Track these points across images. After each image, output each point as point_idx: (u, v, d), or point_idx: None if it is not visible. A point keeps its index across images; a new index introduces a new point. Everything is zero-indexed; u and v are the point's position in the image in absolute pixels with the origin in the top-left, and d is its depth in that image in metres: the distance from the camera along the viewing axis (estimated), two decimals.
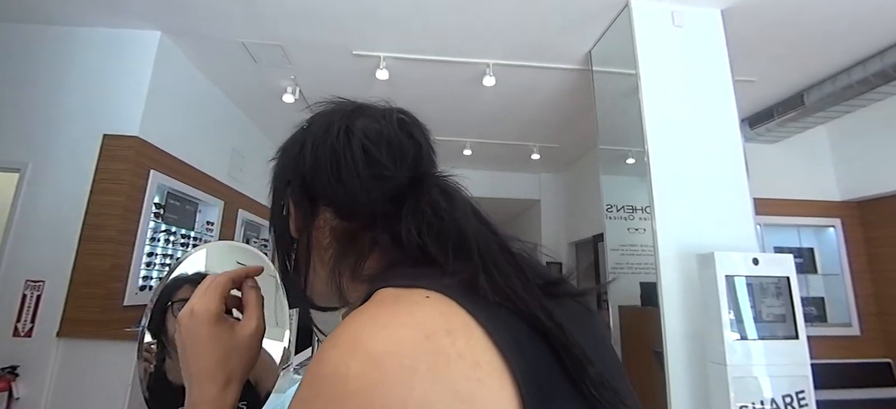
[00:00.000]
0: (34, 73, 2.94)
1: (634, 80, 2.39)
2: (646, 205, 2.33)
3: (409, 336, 0.29)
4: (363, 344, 0.28)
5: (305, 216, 0.45)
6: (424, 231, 0.38)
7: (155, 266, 3.19)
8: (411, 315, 0.30)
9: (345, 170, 0.42)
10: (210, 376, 0.42)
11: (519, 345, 0.31)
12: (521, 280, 0.35)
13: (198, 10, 2.77)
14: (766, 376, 1.88)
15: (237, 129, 4.27)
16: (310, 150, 0.45)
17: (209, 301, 0.44)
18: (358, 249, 0.42)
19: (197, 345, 0.43)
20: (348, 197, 0.42)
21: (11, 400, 2.48)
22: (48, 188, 2.77)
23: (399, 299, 0.33)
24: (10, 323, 2.59)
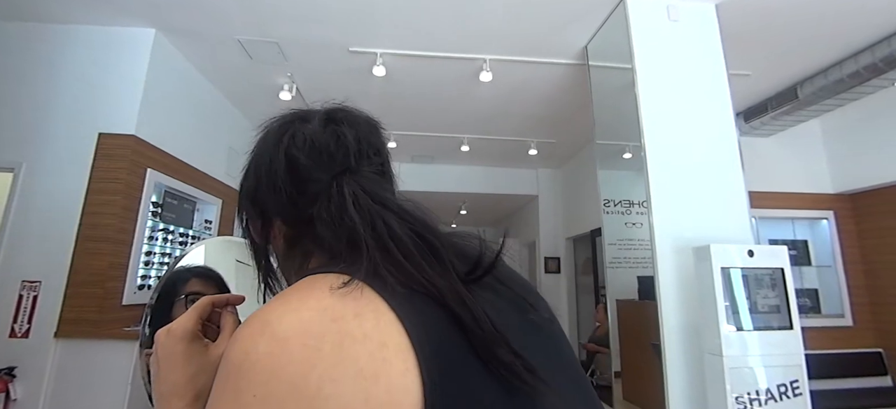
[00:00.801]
0: (28, 71, 2.91)
1: (630, 74, 2.40)
2: (642, 199, 2.35)
3: (316, 318, 0.31)
4: (270, 326, 0.31)
5: (262, 227, 0.50)
6: (325, 226, 0.41)
7: (153, 265, 3.18)
8: (320, 300, 0.32)
9: (277, 180, 0.45)
10: (179, 392, 0.43)
11: (426, 326, 0.32)
12: (434, 267, 0.37)
13: (192, 8, 2.76)
14: (762, 366, 1.91)
15: (234, 127, 4.25)
16: (253, 166, 0.50)
17: (186, 321, 0.46)
18: (300, 251, 0.47)
19: (170, 361, 0.44)
20: (283, 205, 0.46)
21: (9, 401, 2.48)
22: (43, 188, 2.75)
23: (313, 283, 0.35)
24: (6, 324, 2.58)
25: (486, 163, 6.01)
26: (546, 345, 0.42)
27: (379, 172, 0.48)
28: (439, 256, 0.38)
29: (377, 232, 0.39)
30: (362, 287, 0.33)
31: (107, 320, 2.69)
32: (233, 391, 0.30)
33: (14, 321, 2.59)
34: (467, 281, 0.38)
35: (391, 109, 4.18)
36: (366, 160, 0.47)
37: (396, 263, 0.36)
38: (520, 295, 0.43)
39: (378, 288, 0.34)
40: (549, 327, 0.44)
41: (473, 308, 0.34)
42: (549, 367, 0.39)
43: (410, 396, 0.29)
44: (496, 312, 0.36)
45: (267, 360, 0.29)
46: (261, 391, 0.28)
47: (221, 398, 0.31)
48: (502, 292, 0.41)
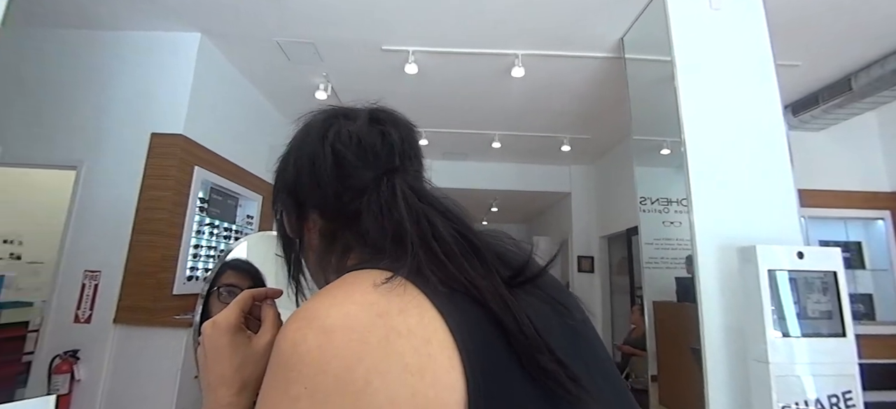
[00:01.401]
0: (87, 77, 3.14)
1: (669, 67, 2.31)
2: (682, 197, 2.26)
3: (362, 313, 0.31)
4: (318, 318, 0.31)
5: (297, 220, 0.50)
6: (371, 222, 0.42)
7: (200, 257, 3.37)
8: (365, 294, 0.33)
9: (321, 174, 0.46)
10: (227, 381, 0.45)
11: (468, 326, 0.33)
12: (476, 268, 0.37)
13: (235, 12, 2.88)
14: (810, 375, 1.80)
15: (273, 126, 4.42)
16: (293, 159, 0.50)
17: (230, 314, 0.48)
18: (339, 246, 0.46)
19: (216, 353, 0.46)
20: (325, 199, 0.46)
21: (73, 382, 2.69)
22: (103, 185, 2.97)
23: (357, 278, 0.35)
24: (71, 310, 2.80)
25: (518, 160, 5.95)
26: (585, 350, 0.42)
27: (418, 173, 0.49)
28: (482, 257, 0.38)
29: (422, 230, 0.39)
30: (405, 284, 0.34)
31: (159, 309, 2.87)
32: (283, 382, 0.30)
33: (78, 308, 2.81)
34: (511, 285, 0.38)
35: (423, 107, 4.22)
36: (408, 160, 0.48)
37: (439, 262, 0.37)
38: (554, 297, 0.43)
39: (421, 286, 0.34)
40: (585, 330, 0.44)
41: (517, 313, 0.34)
42: (590, 374, 0.38)
43: (455, 393, 0.30)
44: (538, 317, 0.36)
45: (315, 352, 0.30)
46: (310, 384, 0.29)
47: (273, 388, 0.32)
48: (540, 295, 0.41)
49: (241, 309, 0.49)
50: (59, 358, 2.68)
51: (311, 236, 0.49)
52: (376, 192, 0.43)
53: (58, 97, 3.10)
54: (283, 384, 0.30)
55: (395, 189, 0.42)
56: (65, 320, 2.79)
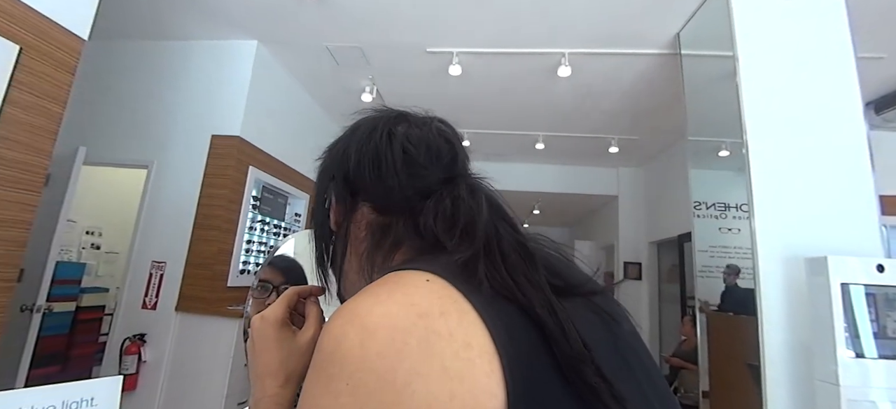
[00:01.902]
0: (159, 83, 3.42)
1: (731, 62, 2.15)
2: (741, 202, 2.10)
3: (403, 313, 0.31)
4: (360, 316, 0.32)
5: (346, 210, 0.50)
6: (438, 218, 0.42)
7: (252, 252, 3.56)
8: (407, 295, 0.33)
9: (385, 168, 0.46)
10: (273, 373, 0.47)
11: (510, 334, 0.32)
12: (529, 276, 0.37)
13: (289, 19, 3.02)
14: (888, 401, 1.61)
15: (320, 127, 4.59)
16: (354, 149, 0.49)
17: (277, 309, 0.50)
18: (389, 241, 0.46)
19: (263, 345, 0.48)
20: (386, 193, 0.46)
21: (140, 362, 2.94)
22: (169, 183, 3.21)
23: (400, 279, 0.35)
24: (140, 297, 3.06)
25: (562, 161, 5.80)
26: (636, 365, 0.40)
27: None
28: (535, 265, 0.38)
29: (488, 234, 0.39)
30: (447, 286, 0.34)
31: (215, 299, 3.07)
32: (326, 378, 0.31)
33: (145, 295, 3.06)
34: (560, 294, 0.37)
35: (465, 108, 4.22)
36: (465, 169, 0.50)
37: (494, 262, 0.37)
38: (603, 308, 0.41)
39: (463, 289, 0.34)
40: (635, 345, 0.42)
41: (564, 321, 0.34)
42: (642, 391, 0.37)
43: (495, 400, 0.29)
44: (585, 328, 0.35)
45: (357, 350, 0.30)
46: (352, 381, 0.30)
47: (316, 383, 0.32)
48: (588, 305, 0.40)
49: (288, 305, 0.51)
50: (129, 340, 2.93)
51: (357, 229, 0.49)
52: (453, 189, 0.44)
53: (133, 103, 3.40)
54: (325, 379, 0.31)
55: (475, 188, 0.44)
56: (134, 305, 3.05)
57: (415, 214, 0.44)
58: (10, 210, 1.67)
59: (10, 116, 1.65)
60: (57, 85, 1.82)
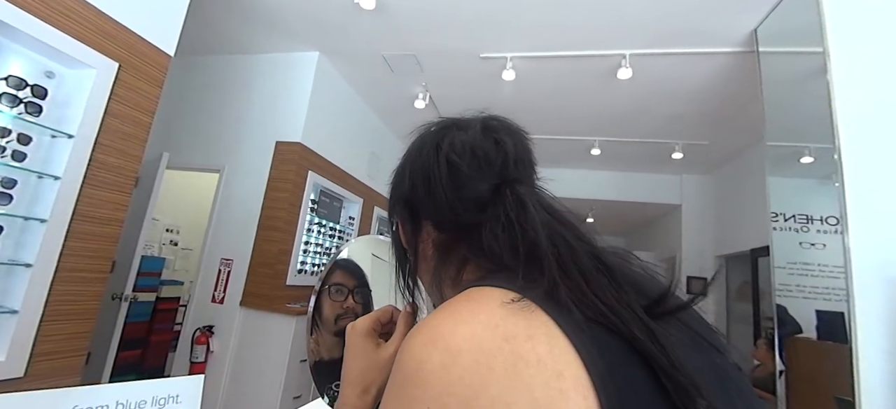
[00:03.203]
0: (231, 93, 3.69)
1: (820, 59, 1.93)
2: (828, 215, 1.88)
3: (488, 335, 0.29)
4: (443, 337, 0.30)
5: (412, 232, 0.50)
6: (499, 240, 0.39)
7: (310, 253, 3.72)
8: (491, 316, 0.31)
9: (433, 184, 0.45)
10: (353, 382, 0.48)
11: (609, 364, 0.29)
12: (615, 294, 0.33)
13: (347, 30, 3.14)
14: None
15: (375, 133, 4.73)
16: (408, 169, 0.50)
17: (366, 320, 0.51)
18: (455, 259, 0.45)
19: (350, 352, 0.50)
20: (438, 210, 0.45)
21: (208, 352, 3.16)
22: (237, 185, 3.45)
23: (483, 297, 0.33)
24: (209, 291, 3.29)
25: (619, 168, 5.54)
26: (729, 388, 0.35)
27: (532, 181, 0.48)
28: (616, 281, 0.35)
29: (558, 248, 0.36)
30: (533, 307, 0.31)
31: (275, 297, 3.23)
32: (407, 400, 0.30)
33: (214, 290, 3.29)
34: (654, 315, 0.33)
35: (519, 113, 3.99)
36: (523, 168, 0.47)
37: (576, 285, 0.33)
38: (699, 332, 0.37)
39: (550, 310, 0.31)
40: (736, 374, 0.37)
41: (669, 348, 0.30)
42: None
43: None
44: (682, 350, 0.31)
45: (440, 373, 0.29)
46: (434, 405, 0.28)
47: (395, 402, 0.31)
48: (683, 329, 0.36)
49: (378, 318, 0.52)
50: (199, 331, 3.17)
51: (425, 248, 0.49)
52: (501, 204, 0.41)
53: (208, 111, 3.70)
54: (406, 400, 0.30)
55: (524, 202, 0.40)
56: (205, 299, 3.29)
57: (474, 230, 0.42)
58: (106, 209, 1.86)
59: (109, 125, 1.84)
60: (147, 97, 2.01)
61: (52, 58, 1.72)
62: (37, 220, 1.65)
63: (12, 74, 1.60)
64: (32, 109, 1.65)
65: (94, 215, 1.82)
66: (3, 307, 1.58)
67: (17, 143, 1.62)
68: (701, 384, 0.29)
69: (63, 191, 1.69)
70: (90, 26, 1.77)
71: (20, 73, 1.64)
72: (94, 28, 1.79)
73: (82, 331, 1.81)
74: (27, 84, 1.63)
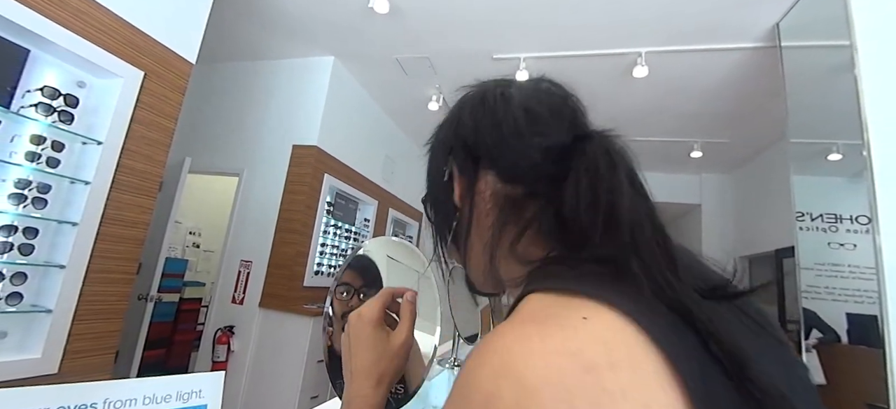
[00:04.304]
0: (249, 98, 3.77)
1: (848, 52, 1.87)
2: (858, 214, 1.82)
3: (567, 367, 0.25)
4: (515, 369, 0.26)
5: (469, 180, 0.44)
6: (581, 199, 0.35)
7: (326, 255, 3.78)
8: (567, 342, 0.26)
9: (506, 127, 0.41)
10: (366, 373, 0.46)
11: (707, 387, 0.26)
12: (674, 273, 0.31)
13: (362, 34, 3.19)
14: None
15: (389, 136, 4.77)
16: (468, 115, 0.44)
17: (373, 309, 0.49)
18: (519, 218, 0.40)
19: (358, 343, 0.48)
20: (513, 154, 0.41)
21: (229, 352, 3.23)
22: (256, 189, 3.52)
23: (552, 317, 0.29)
24: (230, 292, 3.37)
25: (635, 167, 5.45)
26: (795, 385, 0.33)
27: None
28: (675, 260, 0.32)
29: (637, 218, 0.33)
30: (615, 319, 0.28)
31: (293, 298, 3.29)
32: None
33: (234, 291, 3.37)
34: (713, 297, 0.31)
35: None
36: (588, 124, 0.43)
37: (648, 257, 0.31)
38: (747, 313, 0.35)
39: (639, 319, 0.27)
40: (804, 375, 0.35)
41: (751, 355, 0.28)
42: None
43: None
44: (758, 351, 0.29)
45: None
46: None
47: None
48: (732, 310, 0.34)
49: (383, 304, 0.51)
50: (221, 331, 3.24)
51: (482, 202, 0.43)
52: (588, 157, 0.37)
53: (228, 116, 3.79)
54: None
55: (614, 162, 0.36)
56: (225, 299, 3.37)
57: (549, 184, 0.38)
58: (133, 212, 1.93)
59: (135, 131, 1.91)
60: (171, 104, 2.08)
61: (83, 68, 1.79)
62: (69, 223, 1.72)
63: (47, 85, 1.68)
64: (65, 118, 1.73)
65: (122, 219, 1.89)
66: (39, 307, 1.66)
67: (51, 150, 1.69)
68: (783, 388, 0.28)
69: (93, 195, 1.76)
70: (118, 37, 1.85)
71: (54, 83, 1.71)
72: (122, 39, 1.86)
73: (111, 330, 1.88)
74: (60, 94, 1.71)
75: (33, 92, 1.65)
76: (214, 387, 0.48)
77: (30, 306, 1.65)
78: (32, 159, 1.64)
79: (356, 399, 0.46)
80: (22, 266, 1.62)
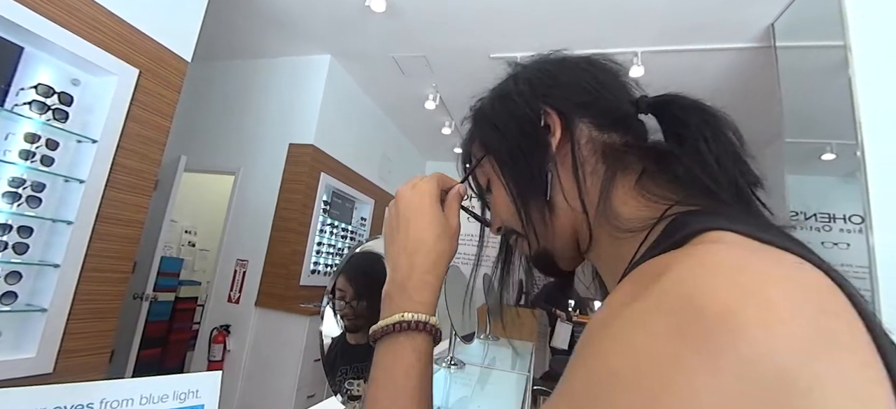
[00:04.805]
0: (246, 97, 3.76)
1: (842, 52, 1.89)
2: (851, 213, 1.83)
3: (804, 301, 0.22)
4: (759, 290, 0.22)
5: (567, 128, 0.40)
6: (706, 152, 0.34)
7: (322, 254, 3.77)
8: (797, 281, 0.24)
9: (602, 73, 0.41)
10: (428, 249, 0.41)
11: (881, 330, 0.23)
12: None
13: (359, 32, 3.18)
14: None
15: (386, 135, 4.77)
16: (555, 66, 0.44)
17: (431, 181, 0.45)
18: (627, 167, 0.38)
19: (419, 216, 0.43)
20: (612, 97, 0.41)
21: (225, 351, 3.22)
22: (252, 188, 3.51)
23: (761, 250, 0.26)
24: (226, 291, 3.36)
25: None
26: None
27: None
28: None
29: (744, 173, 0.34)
30: (816, 271, 0.25)
31: (289, 297, 3.28)
32: (708, 352, 0.21)
33: (230, 290, 3.36)
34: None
35: None
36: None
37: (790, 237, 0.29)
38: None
39: (837, 277, 0.25)
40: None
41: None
42: None
43: None
44: None
45: (761, 333, 0.21)
46: (747, 367, 0.21)
47: (687, 351, 0.22)
48: None
49: (438, 184, 0.47)
50: (217, 330, 3.23)
51: (579, 151, 0.40)
52: (689, 108, 0.38)
53: (224, 115, 3.77)
54: (707, 352, 0.21)
55: (718, 128, 0.36)
56: (221, 298, 3.36)
57: (641, 135, 0.39)
58: (128, 211, 1.92)
59: (130, 130, 1.90)
60: (166, 102, 2.07)
61: (78, 66, 1.78)
62: (64, 222, 1.71)
63: (41, 83, 1.66)
64: (59, 116, 1.71)
65: (117, 217, 1.88)
66: (34, 306, 1.64)
67: (46, 148, 1.68)
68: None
69: (87, 194, 1.75)
70: (113, 35, 1.83)
71: (48, 81, 1.70)
72: (117, 36, 1.85)
73: (106, 329, 1.88)
74: (54, 92, 1.70)
75: (27, 90, 1.64)
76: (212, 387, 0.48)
77: (24, 306, 1.64)
78: (27, 158, 1.63)
79: (412, 277, 0.41)
80: (16, 265, 1.61)
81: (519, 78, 0.45)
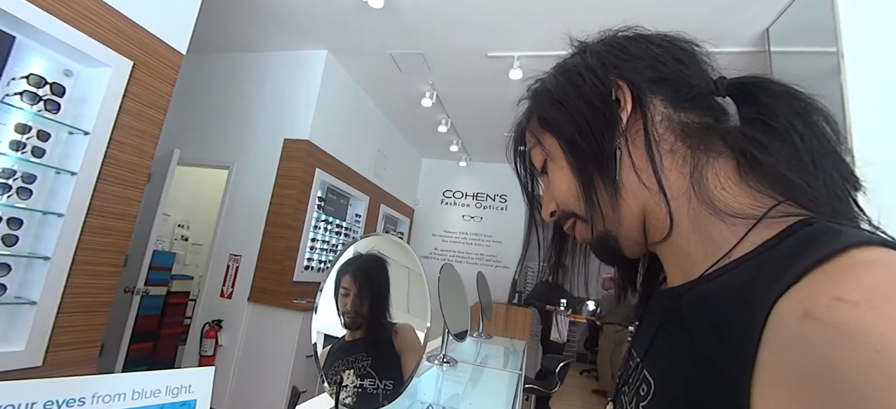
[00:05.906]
0: (241, 91, 3.73)
1: (834, 59, 1.92)
2: None
3: None
4: None
5: (635, 105, 0.38)
6: (802, 148, 0.32)
7: (316, 250, 3.76)
8: None
9: (683, 53, 0.39)
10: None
11: None
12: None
13: (356, 29, 3.17)
14: None
15: (382, 132, 4.75)
16: (628, 40, 0.42)
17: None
18: (714, 150, 0.35)
19: None
20: (688, 70, 0.38)
21: (217, 346, 3.21)
22: (246, 182, 3.49)
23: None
24: (218, 286, 3.34)
25: None
26: None
27: None
28: None
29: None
30: None
31: (282, 292, 3.27)
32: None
33: (223, 285, 3.34)
34: None
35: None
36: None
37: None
38: None
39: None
40: None
41: None
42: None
43: None
44: None
45: None
46: None
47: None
48: None
49: None
50: (209, 325, 3.22)
51: (653, 128, 0.37)
52: (773, 90, 0.35)
53: (219, 109, 3.74)
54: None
55: (809, 117, 0.33)
56: (214, 293, 3.34)
57: (719, 116, 0.37)
58: (120, 204, 1.91)
59: (123, 122, 1.88)
60: (160, 95, 2.05)
61: (71, 56, 1.76)
62: (54, 214, 1.69)
63: (33, 73, 1.64)
64: (51, 107, 1.69)
65: (109, 210, 1.86)
66: (23, 298, 1.63)
67: (37, 139, 1.66)
68: None
69: (79, 186, 1.73)
70: (106, 25, 1.81)
71: (40, 71, 1.68)
72: (110, 27, 1.83)
73: (97, 323, 1.86)
74: (46, 82, 1.68)
75: (18, 80, 1.62)
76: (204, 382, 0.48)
77: (13, 298, 1.62)
78: (17, 149, 1.61)
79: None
80: (6, 257, 1.59)
81: (587, 51, 0.43)
